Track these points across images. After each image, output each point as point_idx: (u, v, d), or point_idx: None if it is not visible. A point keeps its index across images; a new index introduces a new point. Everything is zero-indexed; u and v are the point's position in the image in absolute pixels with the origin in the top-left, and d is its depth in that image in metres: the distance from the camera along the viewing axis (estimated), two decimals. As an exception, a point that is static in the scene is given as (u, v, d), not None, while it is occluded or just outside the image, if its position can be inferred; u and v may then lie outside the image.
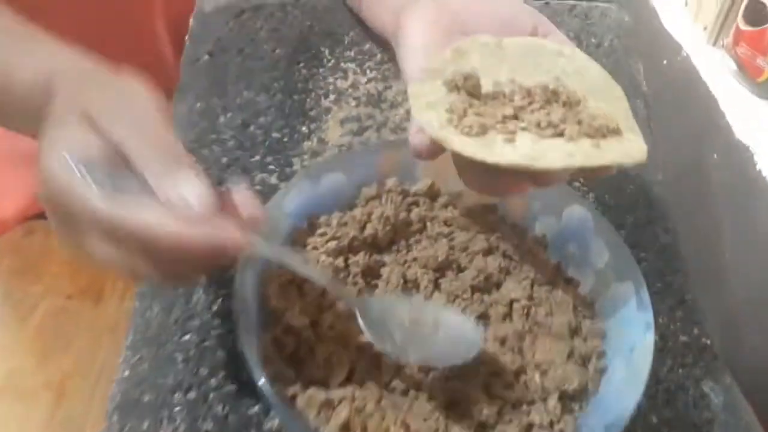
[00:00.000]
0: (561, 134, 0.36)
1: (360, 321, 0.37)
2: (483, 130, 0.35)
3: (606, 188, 0.56)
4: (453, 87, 0.37)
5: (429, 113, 0.36)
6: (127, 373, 0.43)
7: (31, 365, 0.66)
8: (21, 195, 0.70)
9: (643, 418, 0.44)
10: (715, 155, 0.77)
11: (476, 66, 0.38)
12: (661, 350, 0.47)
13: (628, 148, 0.36)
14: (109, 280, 0.71)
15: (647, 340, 0.38)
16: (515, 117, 0.36)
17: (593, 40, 0.65)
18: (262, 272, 0.41)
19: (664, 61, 0.90)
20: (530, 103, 0.37)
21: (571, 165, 0.34)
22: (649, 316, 0.39)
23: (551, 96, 0.38)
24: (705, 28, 0.86)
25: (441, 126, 0.35)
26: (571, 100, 0.37)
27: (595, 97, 0.38)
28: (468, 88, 0.37)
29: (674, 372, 0.46)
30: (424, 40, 0.40)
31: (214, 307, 0.46)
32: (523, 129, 0.36)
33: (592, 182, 0.53)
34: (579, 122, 0.36)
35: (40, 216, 0.70)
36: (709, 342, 0.49)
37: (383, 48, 0.61)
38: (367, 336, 0.37)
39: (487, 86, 0.38)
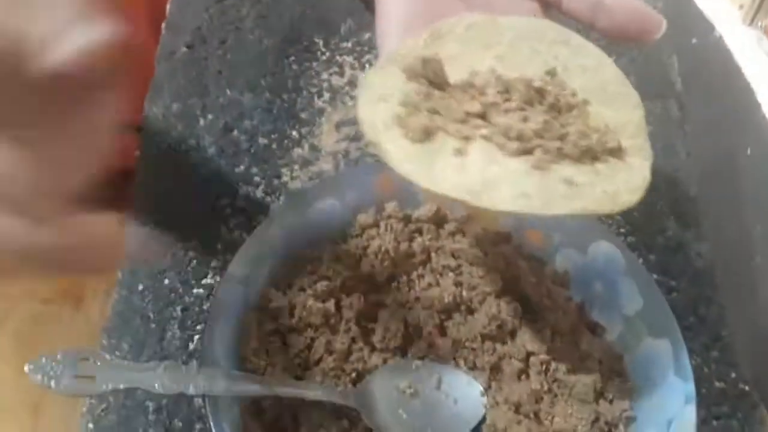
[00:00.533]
0: (529, 152, 0.28)
1: (366, 420, 0.33)
2: (429, 134, 0.28)
3: (634, 204, 0.50)
4: (412, 75, 0.30)
5: (377, 107, 0.29)
6: (90, 426, 0.39)
7: (7, 377, 0.62)
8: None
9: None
10: (749, 150, 0.71)
11: (454, 52, 0.31)
12: (693, 397, 0.42)
13: (620, 184, 0.28)
14: (91, 282, 0.66)
15: (688, 415, 0.33)
16: (482, 116, 0.29)
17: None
18: (239, 326, 0.35)
19: (694, 40, 0.82)
20: (506, 101, 0.29)
21: (520, 210, 0.27)
22: (691, 386, 0.33)
23: (534, 95, 0.29)
24: (741, 7, 0.78)
25: (385, 126, 0.28)
26: (561, 103, 0.30)
27: (600, 102, 0.31)
28: (429, 75, 0.30)
29: (708, 425, 0.41)
30: (404, 11, 0.32)
31: (191, 346, 0.41)
32: (484, 137, 0.28)
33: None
34: (561, 137, 0.28)
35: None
36: (747, 388, 0.43)
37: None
38: None
39: (460, 75, 0.30)
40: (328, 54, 0.53)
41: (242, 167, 0.48)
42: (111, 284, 0.65)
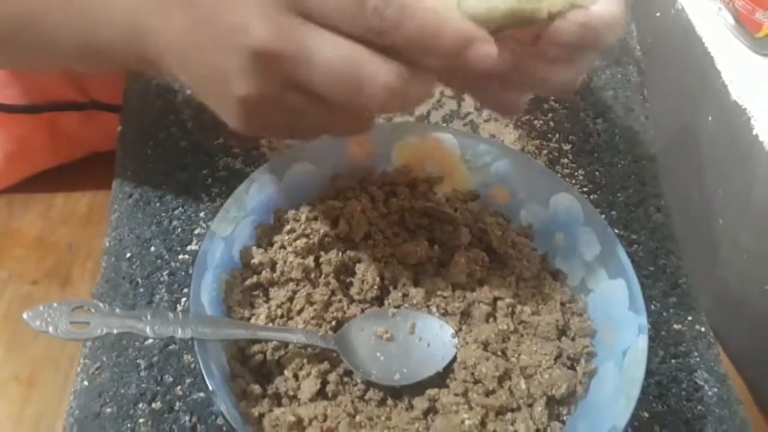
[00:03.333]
0: None
1: (345, 361, 0.35)
2: None
3: (596, 165, 0.52)
4: None
5: None
6: (86, 383, 0.41)
7: (-1, 356, 0.64)
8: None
9: (633, 413, 0.42)
10: (710, 118, 0.74)
11: None
12: (653, 339, 0.45)
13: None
14: (78, 261, 0.68)
15: (641, 345, 0.35)
16: None
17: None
18: (226, 277, 0.37)
19: (657, 14, 0.85)
20: None
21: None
22: (643, 318, 0.36)
23: None
24: (701, -22, 0.81)
25: None
26: None
27: None
28: None
29: (667, 363, 0.44)
30: None
31: (179, 307, 0.43)
32: None
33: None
34: None
35: (3, 192, 0.66)
36: (703, 329, 0.46)
37: None
38: (357, 374, 0.36)
39: None
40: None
41: (221, 140, 0.50)
42: (96, 264, 0.67)
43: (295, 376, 0.36)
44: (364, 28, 0.29)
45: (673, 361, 0.44)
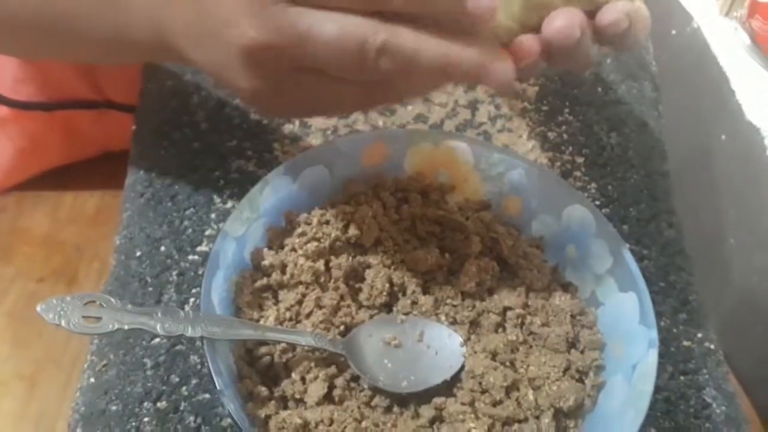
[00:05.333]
0: None
1: (353, 366, 0.35)
2: None
3: (609, 179, 0.52)
4: None
5: None
6: (92, 380, 0.41)
7: (2, 354, 0.64)
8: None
9: (640, 430, 0.41)
10: (724, 137, 0.73)
11: None
12: (662, 356, 0.44)
13: None
14: (84, 261, 0.68)
15: (650, 359, 0.35)
16: None
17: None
18: (236, 278, 0.37)
19: (673, 32, 0.85)
20: None
21: None
22: (654, 332, 0.36)
23: None
24: (717, -2, 0.81)
25: None
26: None
27: None
28: None
29: (675, 380, 0.44)
30: None
31: (187, 307, 0.43)
32: None
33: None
34: None
35: (12, 189, 0.66)
36: (713, 347, 0.46)
37: None
38: (365, 379, 0.35)
39: None
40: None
41: (235, 142, 0.50)
42: (102, 264, 0.67)
43: (303, 380, 0.35)
44: (366, 1, 0.29)
45: (681, 377, 0.44)
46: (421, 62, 0.30)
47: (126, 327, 0.31)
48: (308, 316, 0.38)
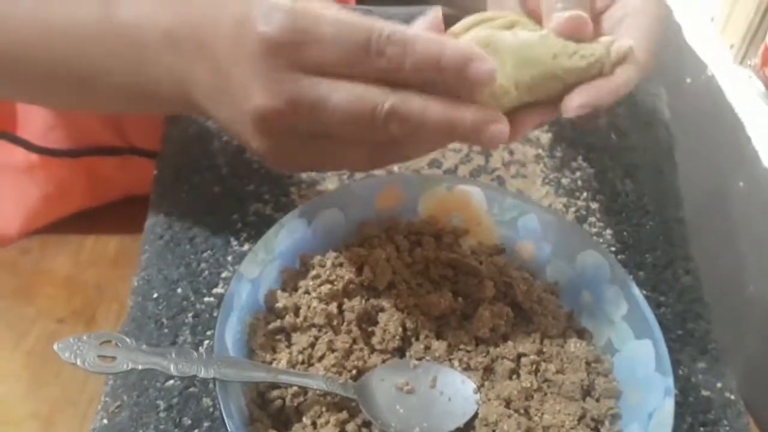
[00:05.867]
0: None
1: (364, 411, 0.35)
2: None
3: (624, 225, 0.52)
4: None
5: None
6: (105, 421, 0.41)
7: (19, 393, 0.64)
8: (17, 210, 0.68)
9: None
10: (741, 183, 0.73)
11: None
12: (680, 405, 0.43)
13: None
14: (104, 302, 0.69)
15: (667, 407, 0.34)
16: None
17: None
18: (250, 320, 0.38)
19: (688, 80, 0.86)
20: None
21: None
22: (670, 380, 0.35)
23: None
24: (732, 46, 0.82)
25: None
26: None
27: None
28: None
29: (695, 431, 0.43)
30: None
31: (201, 349, 0.44)
32: None
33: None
34: None
35: (37, 232, 0.68)
36: (733, 397, 0.45)
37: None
38: (376, 425, 0.35)
39: None
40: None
41: (253, 186, 0.51)
42: (121, 306, 0.68)
43: (314, 424, 0.35)
44: (375, 71, 0.31)
45: (701, 429, 0.43)
46: (427, 125, 0.31)
47: (140, 367, 0.32)
48: (320, 359, 0.38)
